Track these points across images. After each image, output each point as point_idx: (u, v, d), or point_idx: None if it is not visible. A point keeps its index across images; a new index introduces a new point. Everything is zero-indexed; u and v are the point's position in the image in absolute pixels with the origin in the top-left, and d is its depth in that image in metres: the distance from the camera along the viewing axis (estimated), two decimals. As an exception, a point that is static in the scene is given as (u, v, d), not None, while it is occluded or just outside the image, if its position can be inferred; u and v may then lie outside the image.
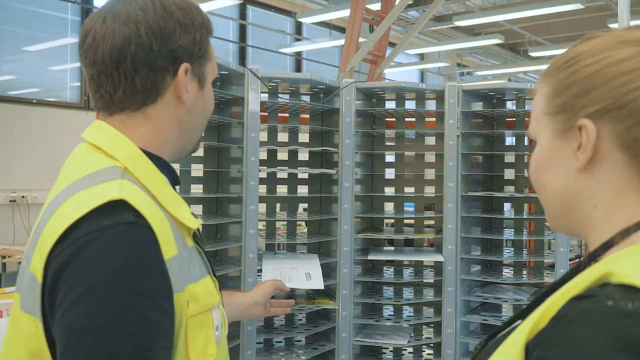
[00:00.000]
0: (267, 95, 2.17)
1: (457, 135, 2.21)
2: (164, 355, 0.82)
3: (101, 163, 0.90)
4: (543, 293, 0.72)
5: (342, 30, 9.95)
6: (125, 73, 0.92)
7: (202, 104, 1.01)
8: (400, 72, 12.01)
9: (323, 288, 2.00)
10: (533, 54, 10.93)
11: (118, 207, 0.82)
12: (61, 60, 7.09)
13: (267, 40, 9.54)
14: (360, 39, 5.39)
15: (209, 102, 1.04)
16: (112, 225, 0.80)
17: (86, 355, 0.76)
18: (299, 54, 10.23)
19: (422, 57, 12.64)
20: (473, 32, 11.44)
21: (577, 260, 3.76)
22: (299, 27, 10.25)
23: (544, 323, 0.63)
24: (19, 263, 4.51)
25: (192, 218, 0.95)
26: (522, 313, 0.75)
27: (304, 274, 1.99)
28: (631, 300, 0.57)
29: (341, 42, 8.51)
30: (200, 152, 2.13)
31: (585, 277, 0.64)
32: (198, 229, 0.99)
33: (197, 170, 2.11)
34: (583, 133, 0.72)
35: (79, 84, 7.11)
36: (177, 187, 1.05)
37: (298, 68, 10.14)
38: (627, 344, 0.55)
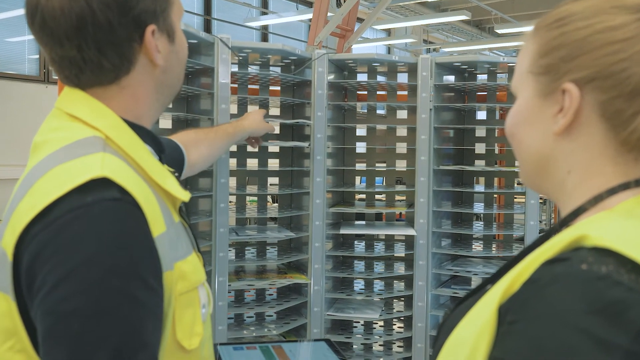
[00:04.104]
0: (236, 66, 2.11)
1: (430, 109, 2.19)
2: (154, 337, 0.77)
3: (80, 133, 0.84)
4: (513, 259, 0.72)
5: (309, 4, 9.85)
6: (90, 56, 0.84)
7: (176, 56, 0.94)
8: (367, 48, 11.96)
9: None
10: (499, 31, 10.99)
11: (101, 184, 0.76)
12: (18, 32, 6.84)
13: (232, 13, 9.38)
14: (329, 14, 5.31)
15: (183, 50, 0.97)
16: (96, 202, 0.74)
17: (73, 339, 0.71)
18: (265, 27, 10.10)
19: (389, 33, 12.61)
20: (440, 8, 11.44)
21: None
22: (265, 1, 10.10)
23: (517, 287, 0.63)
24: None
25: (181, 190, 0.89)
26: (491, 278, 0.75)
27: None
28: (605, 264, 0.58)
29: (308, 16, 8.41)
30: (168, 125, 2.08)
31: (558, 240, 0.64)
32: (183, 202, 0.94)
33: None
34: (566, 97, 0.71)
35: (37, 56, 6.88)
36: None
37: (265, 42, 10.01)
38: (601, 306, 0.55)
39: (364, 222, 2.54)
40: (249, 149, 2.32)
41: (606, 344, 0.54)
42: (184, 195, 0.90)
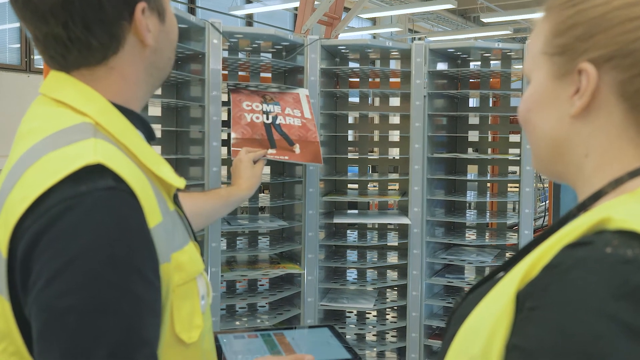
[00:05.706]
0: (226, 52, 2.07)
1: (424, 96, 2.16)
2: (154, 333, 0.73)
3: (69, 119, 0.79)
4: (527, 245, 0.69)
5: (294, -8, 9.77)
6: (76, 34, 0.79)
7: (166, 36, 0.90)
8: (353, 37, 11.92)
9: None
10: (485, 20, 10.99)
11: (95, 171, 0.72)
12: (-1, 20, 6.71)
13: (217, 1, 9.28)
14: (316, 2, 5.27)
15: (173, 31, 0.92)
16: (90, 191, 0.70)
17: (69, 337, 0.67)
18: (249, 16, 10.02)
19: (374, 22, 12.58)
20: (425, -4, 11.42)
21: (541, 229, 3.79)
22: (250, -11, 10.02)
23: (535, 272, 0.60)
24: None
25: (176, 177, 0.85)
26: (504, 265, 0.72)
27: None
28: (631, 247, 0.55)
29: (292, 4, 8.33)
30: (157, 112, 2.03)
31: (579, 224, 0.61)
32: (177, 189, 0.90)
33: (154, 130, 2.00)
34: (583, 78, 0.68)
35: (18, 45, 6.76)
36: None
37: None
38: (628, 290, 0.53)
39: (357, 211, 2.51)
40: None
41: (635, 330, 0.51)
42: (179, 182, 0.86)
